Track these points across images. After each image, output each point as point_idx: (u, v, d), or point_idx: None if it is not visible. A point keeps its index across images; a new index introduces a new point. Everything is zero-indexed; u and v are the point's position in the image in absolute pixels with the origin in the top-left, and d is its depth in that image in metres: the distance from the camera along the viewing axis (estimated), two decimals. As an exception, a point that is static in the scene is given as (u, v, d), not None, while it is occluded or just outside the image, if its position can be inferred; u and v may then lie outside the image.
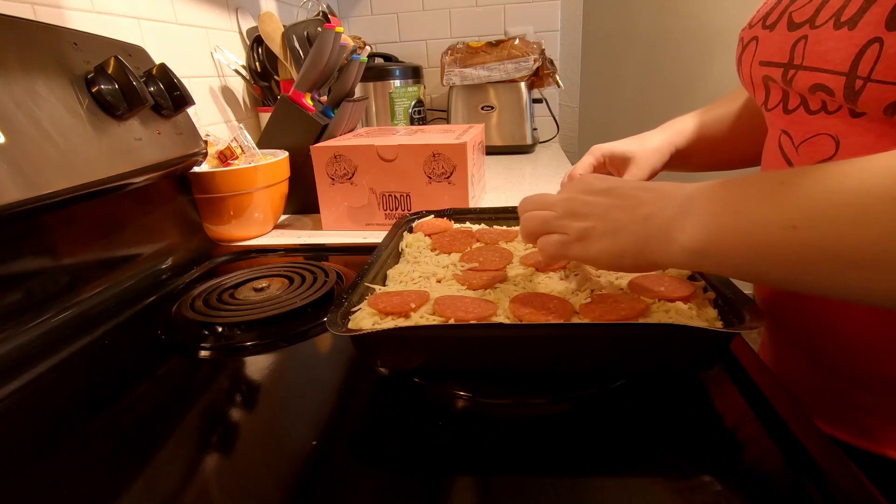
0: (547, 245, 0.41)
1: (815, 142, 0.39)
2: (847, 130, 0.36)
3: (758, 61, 0.43)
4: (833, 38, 0.34)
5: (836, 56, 0.34)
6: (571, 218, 0.39)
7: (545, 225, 0.41)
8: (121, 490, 0.32)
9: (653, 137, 0.62)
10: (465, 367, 0.40)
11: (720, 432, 0.35)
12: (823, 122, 0.38)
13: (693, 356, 0.38)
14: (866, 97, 0.32)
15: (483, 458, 0.33)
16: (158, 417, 0.39)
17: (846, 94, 0.34)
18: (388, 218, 0.83)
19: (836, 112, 0.37)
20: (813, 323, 0.44)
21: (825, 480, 0.28)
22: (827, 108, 0.37)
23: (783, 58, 0.39)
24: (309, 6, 1.37)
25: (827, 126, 0.38)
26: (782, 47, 0.39)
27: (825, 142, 0.38)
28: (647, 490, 0.30)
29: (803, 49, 0.37)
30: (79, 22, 0.73)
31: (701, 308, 0.41)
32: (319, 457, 0.34)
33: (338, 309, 0.41)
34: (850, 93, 0.33)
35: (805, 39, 0.37)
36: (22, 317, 0.50)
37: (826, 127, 0.38)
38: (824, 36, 0.35)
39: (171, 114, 0.67)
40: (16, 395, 0.43)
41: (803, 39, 0.37)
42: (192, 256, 0.72)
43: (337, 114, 0.91)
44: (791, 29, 0.39)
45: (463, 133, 0.86)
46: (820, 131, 0.39)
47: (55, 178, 0.49)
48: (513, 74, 1.38)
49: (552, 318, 0.40)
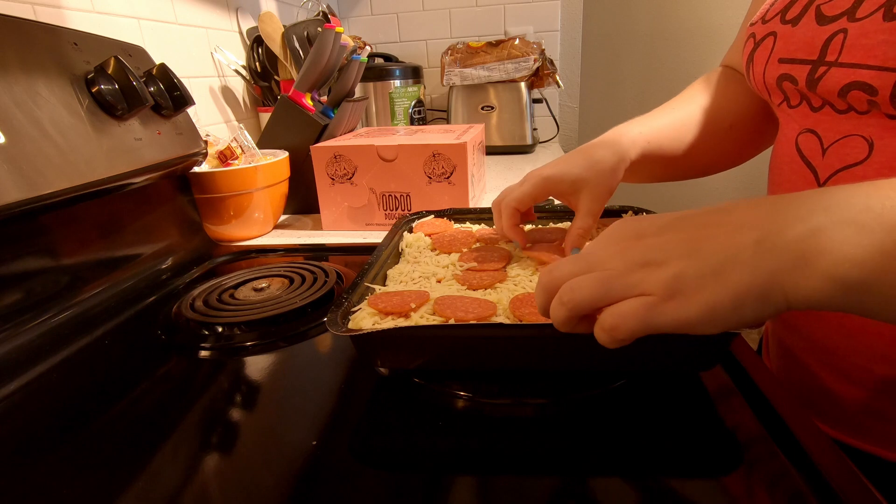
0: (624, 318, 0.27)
1: (847, 143, 0.36)
2: (882, 132, 0.34)
3: (776, 59, 0.40)
4: (883, 30, 0.31)
5: (887, 50, 0.31)
6: (644, 269, 0.27)
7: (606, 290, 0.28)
8: (121, 490, 0.32)
9: (602, 154, 0.50)
10: (465, 367, 0.40)
11: (720, 432, 0.35)
12: (856, 123, 0.35)
13: (693, 356, 0.38)
14: None
15: (483, 458, 0.33)
16: (158, 417, 0.39)
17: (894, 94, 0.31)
18: (388, 218, 0.83)
19: (866, 113, 0.34)
20: (831, 327, 0.42)
21: (825, 480, 0.28)
22: (856, 109, 0.35)
23: (811, 54, 0.36)
24: (309, 6, 1.37)
25: (860, 127, 0.35)
26: (810, 43, 0.36)
27: (857, 143, 0.36)
28: (647, 490, 0.30)
29: (841, 44, 0.34)
30: (79, 22, 0.73)
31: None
32: (319, 457, 0.34)
33: (338, 309, 0.41)
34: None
35: (844, 33, 0.34)
36: (22, 317, 0.50)
37: (859, 127, 0.35)
38: (871, 28, 0.32)
39: (171, 114, 0.67)
40: (16, 395, 0.43)
41: (842, 33, 0.34)
42: (192, 256, 0.72)
43: (337, 114, 0.91)
44: (822, 22, 0.35)
45: (463, 133, 0.86)
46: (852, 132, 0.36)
47: (55, 178, 0.49)
48: (513, 74, 1.38)
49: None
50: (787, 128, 0.43)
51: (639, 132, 0.54)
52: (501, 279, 0.47)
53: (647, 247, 0.28)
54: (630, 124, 0.55)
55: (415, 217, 0.65)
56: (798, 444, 0.31)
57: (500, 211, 0.52)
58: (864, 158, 0.35)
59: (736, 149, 0.58)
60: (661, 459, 0.32)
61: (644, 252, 0.28)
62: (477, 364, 0.40)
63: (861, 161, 0.36)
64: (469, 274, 0.49)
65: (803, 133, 0.40)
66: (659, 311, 0.26)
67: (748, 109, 0.54)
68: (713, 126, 0.56)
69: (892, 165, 0.34)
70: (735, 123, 0.55)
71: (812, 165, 0.40)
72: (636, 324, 0.27)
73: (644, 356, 0.38)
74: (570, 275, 0.30)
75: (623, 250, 0.29)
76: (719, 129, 0.56)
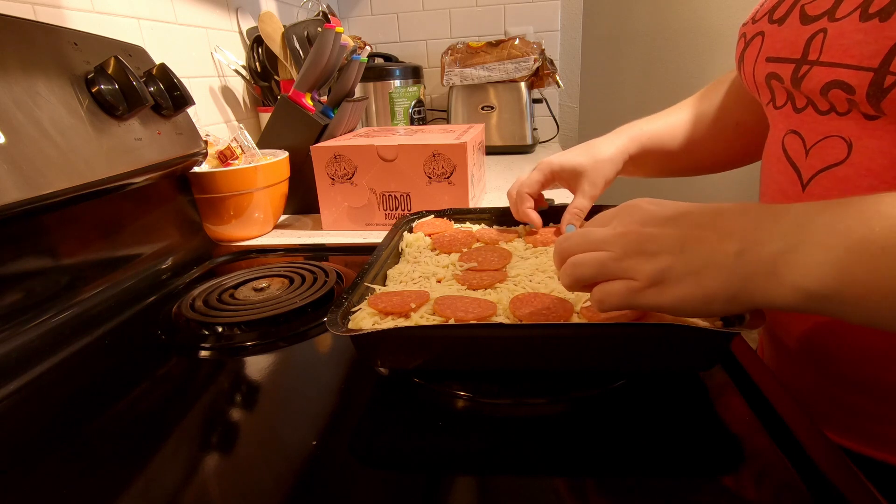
0: (609, 295, 0.33)
1: (827, 144, 0.37)
2: (860, 133, 0.35)
3: (764, 57, 0.41)
4: (859, 30, 0.32)
5: (862, 50, 0.32)
6: (637, 257, 0.32)
7: (603, 269, 0.33)
8: (121, 490, 0.32)
9: (603, 146, 0.58)
10: (465, 367, 0.40)
11: (720, 432, 0.35)
12: (836, 124, 0.36)
13: (693, 356, 0.38)
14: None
15: (483, 458, 0.33)
16: (158, 417, 0.39)
17: (870, 92, 0.32)
18: (388, 218, 0.83)
19: (846, 114, 0.35)
20: (821, 330, 0.42)
21: (825, 480, 0.28)
22: (836, 109, 0.36)
23: (794, 53, 0.37)
24: (309, 6, 1.37)
25: (840, 128, 0.36)
26: (794, 42, 0.37)
27: (837, 144, 0.36)
28: (647, 490, 0.30)
29: (821, 43, 0.34)
30: (79, 22, 0.73)
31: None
32: (319, 457, 0.34)
33: (338, 309, 0.41)
34: (877, 90, 0.31)
35: (824, 33, 0.34)
36: (22, 317, 0.50)
37: (839, 129, 0.36)
38: (848, 28, 0.33)
39: (171, 114, 0.67)
40: (16, 395, 0.43)
41: (822, 33, 0.35)
42: (192, 256, 0.72)
43: (337, 114, 0.91)
44: (805, 22, 0.36)
45: (463, 133, 0.86)
46: (832, 133, 0.36)
47: (55, 178, 0.49)
48: (513, 74, 1.38)
49: (552, 318, 0.40)
50: (775, 128, 0.43)
51: (641, 129, 0.59)
52: (501, 279, 0.48)
53: (646, 237, 0.32)
54: (637, 121, 0.61)
55: (415, 217, 0.65)
56: (798, 443, 0.31)
57: (514, 197, 0.59)
58: (844, 159, 0.36)
59: (741, 148, 0.59)
60: (661, 459, 0.32)
61: (641, 242, 0.32)
62: (477, 364, 0.40)
63: (841, 161, 0.36)
64: (469, 274, 0.49)
65: (788, 134, 0.41)
66: (640, 295, 0.32)
67: (753, 110, 0.55)
68: (719, 125, 0.58)
69: (869, 166, 0.35)
70: (740, 123, 0.57)
71: (796, 166, 0.40)
72: (619, 301, 0.33)
73: (644, 356, 0.38)
74: (578, 248, 0.35)
75: (625, 235, 0.33)
76: (725, 128, 0.58)
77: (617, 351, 0.38)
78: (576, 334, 0.38)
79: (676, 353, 0.38)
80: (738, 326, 0.35)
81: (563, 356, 0.39)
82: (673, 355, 0.38)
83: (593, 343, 0.38)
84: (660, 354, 0.38)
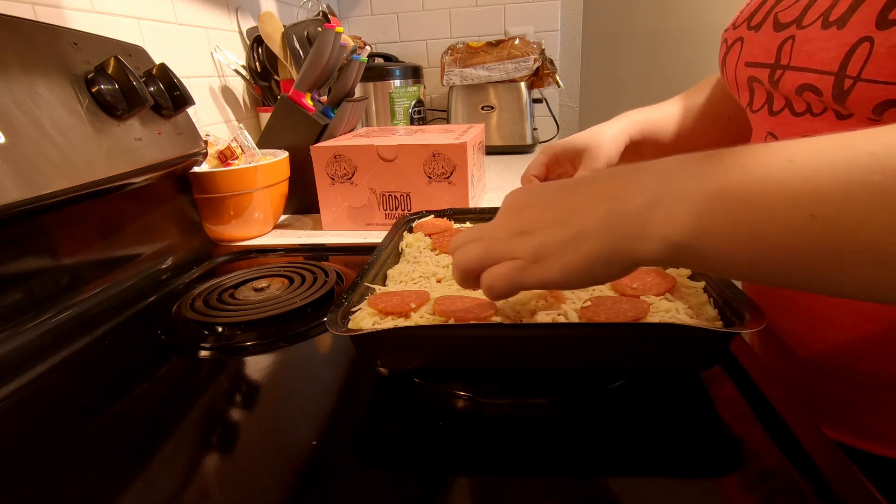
0: (496, 279, 0.32)
1: None
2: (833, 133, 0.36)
3: (743, 62, 0.43)
4: (821, 37, 0.34)
5: (824, 56, 0.34)
6: (518, 237, 0.32)
7: (487, 254, 0.33)
8: (121, 490, 0.32)
9: (606, 128, 0.59)
10: (464, 367, 0.40)
11: (720, 432, 0.35)
12: (810, 125, 0.37)
13: (693, 356, 0.38)
14: (855, 97, 0.32)
15: (483, 458, 0.33)
16: (159, 417, 0.39)
17: (834, 94, 0.33)
18: (388, 218, 0.83)
19: (821, 114, 0.36)
20: (801, 321, 0.43)
21: (824, 480, 0.28)
22: (812, 109, 0.37)
23: (769, 58, 0.39)
24: (309, 6, 1.37)
25: (813, 129, 0.37)
26: (768, 48, 0.39)
27: None
28: (647, 490, 0.30)
29: (790, 49, 0.36)
30: (79, 22, 0.73)
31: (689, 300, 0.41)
32: (319, 457, 0.34)
33: (338, 309, 0.41)
34: (839, 92, 0.33)
35: (792, 39, 0.36)
36: (22, 317, 0.50)
37: (812, 129, 0.37)
38: (812, 36, 0.35)
39: (171, 114, 0.67)
40: (16, 395, 0.43)
41: (790, 39, 0.37)
42: (192, 256, 0.72)
43: (337, 114, 0.91)
44: (777, 29, 0.38)
45: (463, 133, 0.86)
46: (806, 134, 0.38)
47: (55, 178, 0.49)
48: (513, 74, 1.38)
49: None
50: (756, 129, 0.45)
51: (639, 117, 0.60)
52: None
53: (524, 217, 0.32)
54: (638, 109, 0.62)
55: (415, 217, 0.65)
56: (798, 443, 0.31)
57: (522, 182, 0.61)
58: None
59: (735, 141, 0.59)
60: (661, 459, 0.32)
61: (520, 222, 0.32)
62: (477, 364, 0.40)
63: None
64: (469, 274, 0.49)
65: (767, 137, 0.42)
66: (526, 273, 0.31)
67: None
68: (714, 117, 0.59)
69: None
70: (733, 117, 0.58)
71: None
72: (506, 284, 0.32)
73: (644, 356, 0.38)
74: (465, 241, 0.35)
75: (505, 222, 0.33)
76: (719, 121, 0.59)
77: (617, 351, 0.38)
78: (575, 334, 0.38)
79: (676, 352, 0.38)
80: (738, 326, 0.35)
81: (563, 356, 0.39)
82: (672, 355, 0.38)
83: (593, 343, 0.38)
84: (659, 354, 0.38)
